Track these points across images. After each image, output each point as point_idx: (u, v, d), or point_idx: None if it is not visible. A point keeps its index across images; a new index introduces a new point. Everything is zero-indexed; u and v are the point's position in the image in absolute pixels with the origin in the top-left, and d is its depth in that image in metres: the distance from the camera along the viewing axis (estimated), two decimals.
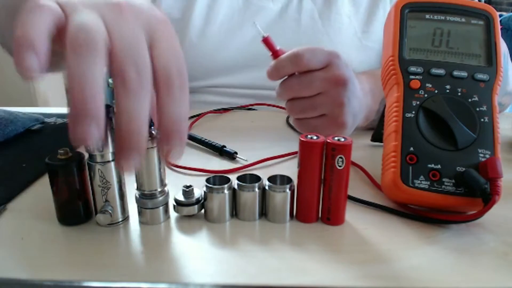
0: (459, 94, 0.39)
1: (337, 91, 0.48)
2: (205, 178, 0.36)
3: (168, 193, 0.36)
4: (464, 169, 0.36)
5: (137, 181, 0.35)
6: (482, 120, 0.38)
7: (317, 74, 0.48)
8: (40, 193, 0.41)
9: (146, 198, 0.35)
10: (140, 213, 0.36)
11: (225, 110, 0.72)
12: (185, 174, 0.46)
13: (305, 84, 0.48)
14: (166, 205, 0.36)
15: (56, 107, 0.74)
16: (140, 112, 0.26)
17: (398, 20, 0.42)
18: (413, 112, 0.39)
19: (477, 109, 0.39)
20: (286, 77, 0.50)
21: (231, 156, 0.50)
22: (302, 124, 0.53)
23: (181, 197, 0.36)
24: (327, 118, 0.50)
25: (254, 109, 0.74)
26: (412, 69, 0.40)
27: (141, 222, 0.36)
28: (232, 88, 0.77)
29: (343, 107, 0.49)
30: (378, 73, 0.46)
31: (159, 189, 0.35)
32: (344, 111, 0.49)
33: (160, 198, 0.35)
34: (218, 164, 0.50)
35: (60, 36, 0.26)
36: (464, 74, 0.40)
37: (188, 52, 0.74)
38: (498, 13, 0.42)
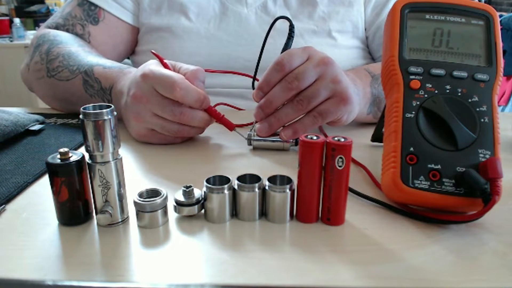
0: (459, 94, 0.39)
1: (330, 69, 0.49)
2: (205, 178, 0.37)
3: (166, 196, 0.36)
4: (464, 169, 0.36)
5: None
6: (482, 120, 0.38)
7: (305, 64, 0.49)
8: (40, 193, 0.41)
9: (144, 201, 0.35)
10: (138, 217, 0.36)
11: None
12: (184, 173, 0.46)
13: (301, 76, 0.48)
14: (165, 207, 0.36)
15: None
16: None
17: (398, 20, 0.42)
18: (413, 112, 0.39)
19: (477, 109, 0.39)
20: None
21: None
22: (305, 121, 0.51)
23: (181, 197, 0.36)
24: (334, 98, 0.50)
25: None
26: (412, 69, 0.40)
27: (139, 226, 0.36)
28: (213, 88, 0.79)
29: (341, 82, 0.50)
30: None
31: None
32: (344, 86, 0.50)
33: (159, 201, 0.35)
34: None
35: None
36: (464, 74, 0.40)
37: (173, 57, 0.79)
38: (498, 13, 0.42)
